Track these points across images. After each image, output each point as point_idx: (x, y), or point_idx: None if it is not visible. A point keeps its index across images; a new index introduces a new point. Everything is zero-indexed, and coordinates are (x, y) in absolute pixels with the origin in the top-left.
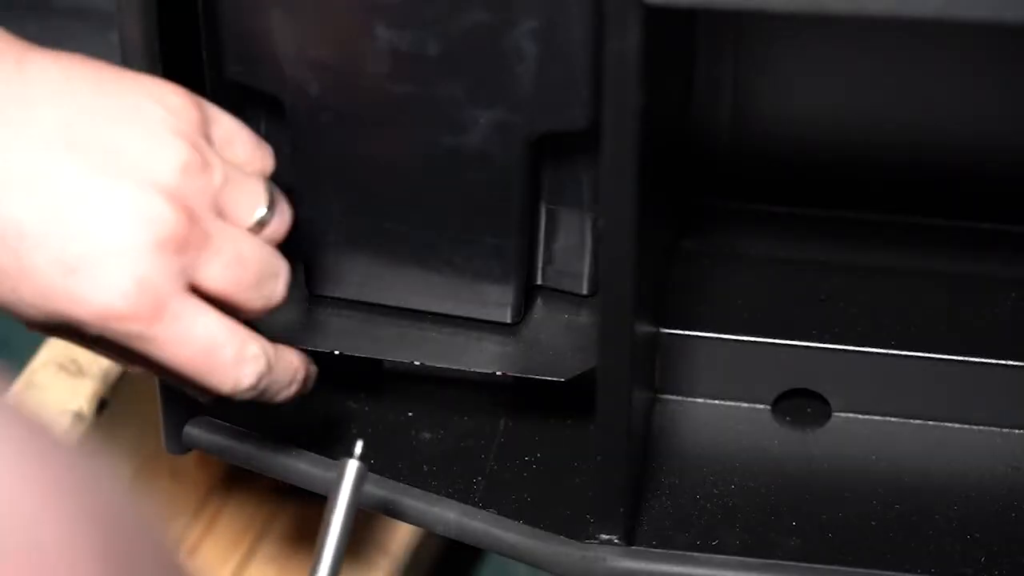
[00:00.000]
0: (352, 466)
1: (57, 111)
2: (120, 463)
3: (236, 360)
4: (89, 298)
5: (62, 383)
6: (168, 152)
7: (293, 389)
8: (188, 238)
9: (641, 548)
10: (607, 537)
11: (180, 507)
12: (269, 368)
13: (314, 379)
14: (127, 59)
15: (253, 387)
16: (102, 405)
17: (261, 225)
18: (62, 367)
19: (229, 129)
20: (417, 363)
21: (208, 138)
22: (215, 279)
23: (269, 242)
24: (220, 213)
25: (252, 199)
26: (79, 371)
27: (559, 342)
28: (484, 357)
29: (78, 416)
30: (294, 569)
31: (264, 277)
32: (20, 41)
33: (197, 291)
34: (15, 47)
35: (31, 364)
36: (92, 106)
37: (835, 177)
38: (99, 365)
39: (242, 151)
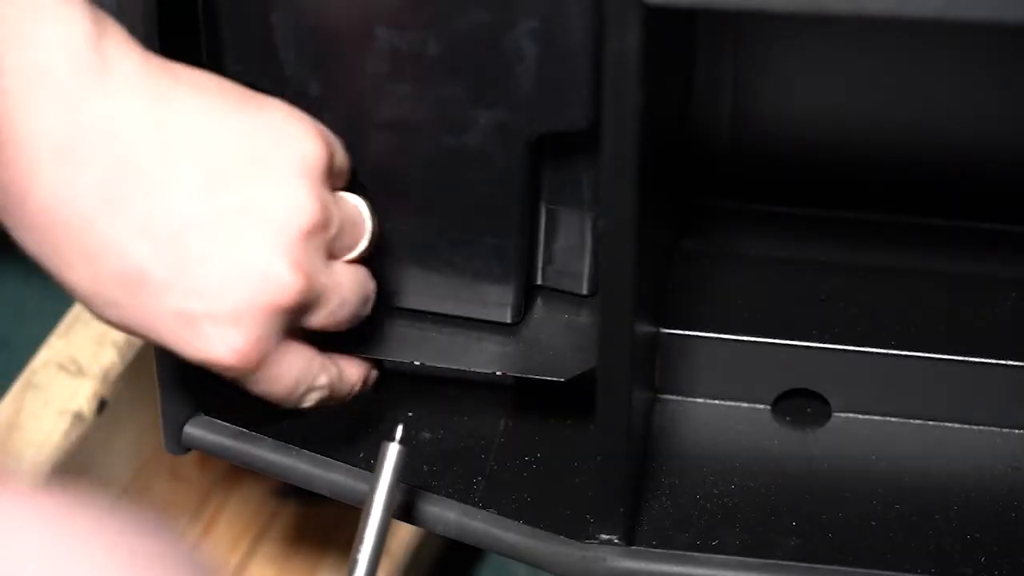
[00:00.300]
0: (393, 449)
1: (196, 159)
2: (120, 463)
3: (307, 391)
4: (201, 349)
5: (62, 383)
6: (298, 214)
7: (346, 399)
8: (305, 301)
9: (641, 548)
10: (607, 537)
11: (180, 507)
12: (330, 394)
13: (374, 381)
14: None
15: (311, 409)
16: (102, 405)
17: (361, 253)
18: (62, 367)
19: (341, 158)
20: (417, 363)
21: (330, 179)
22: (317, 322)
23: (364, 258)
24: (329, 255)
25: (357, 235)
26: (79, 371)
27: (559, 342)
28: (484, 357)
29: (78, 416)
30: (294, 569)
31: (358, 308)
32: (167, 66)
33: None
34: (158, 78)
35: (31, 364)
36: (232, 155)
37: (835, 177)
38: (99, 365)
39: (345, 172)
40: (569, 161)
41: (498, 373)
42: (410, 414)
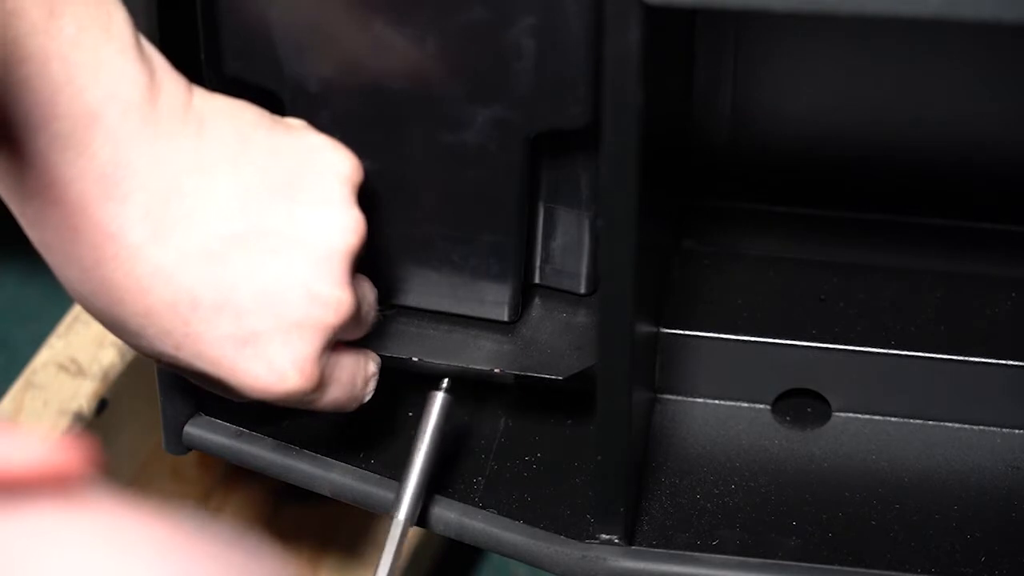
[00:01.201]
0: (438, 398)
1: (235, 181)
2: (120, 463)
3: (364, 384)
4: (257, 374)
5: (62, 383)
6: (345, 235)
7: None
8: (353, 315)
9: (641, 548)
10: (607, 537)
11: (180, 507)
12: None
13: None
14: None
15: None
16: (102, 405)
17: None
18: (62, 367)
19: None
20: (415, 359)
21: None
22: (354, 334)
23: None
24: None
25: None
26: (79, 371)
27: (557, 341)
28: (482, 355)
29: (78, 416)
30: (294, 569)
31: (374, 306)
32: (206, 97)
33: None
34: (197, 109)
35: (31, 364)
36: (268, 175)
37: (835, 177)
38: (99, 365)
39: None
40: (567, 159)
41: (496, 371)
42: (410, 414)
